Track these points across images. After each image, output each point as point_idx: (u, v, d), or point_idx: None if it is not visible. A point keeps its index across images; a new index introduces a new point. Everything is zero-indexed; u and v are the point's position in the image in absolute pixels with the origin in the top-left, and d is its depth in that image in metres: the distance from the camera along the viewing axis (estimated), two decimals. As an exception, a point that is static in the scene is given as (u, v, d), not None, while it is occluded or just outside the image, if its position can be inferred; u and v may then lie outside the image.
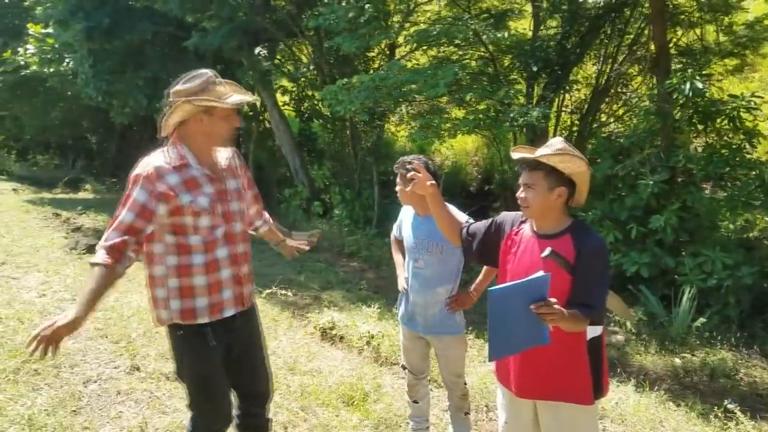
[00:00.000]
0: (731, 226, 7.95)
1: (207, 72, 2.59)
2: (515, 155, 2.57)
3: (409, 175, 2.91)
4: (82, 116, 18.92)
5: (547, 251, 2.38)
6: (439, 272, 3.31)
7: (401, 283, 3.49)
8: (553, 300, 2.19)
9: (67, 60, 13.36)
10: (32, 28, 13.75)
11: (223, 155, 2.77)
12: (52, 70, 13.90)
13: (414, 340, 3.50)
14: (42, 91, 17.07)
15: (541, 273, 2.22)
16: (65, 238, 8.99)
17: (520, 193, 2.52)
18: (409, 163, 3.20)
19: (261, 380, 2.89)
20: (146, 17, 11.57)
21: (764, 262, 7.10)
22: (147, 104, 12.81)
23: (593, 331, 2.50)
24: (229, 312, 2.67)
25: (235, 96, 2.61)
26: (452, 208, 3.06)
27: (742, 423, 4.17)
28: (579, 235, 2.46)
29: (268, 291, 6.98)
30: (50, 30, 13.28)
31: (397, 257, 3.69)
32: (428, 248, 3.31)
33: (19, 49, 14.63)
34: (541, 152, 2.44)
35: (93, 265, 2.38)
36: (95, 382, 4.04)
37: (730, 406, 4.42)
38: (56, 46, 13.27)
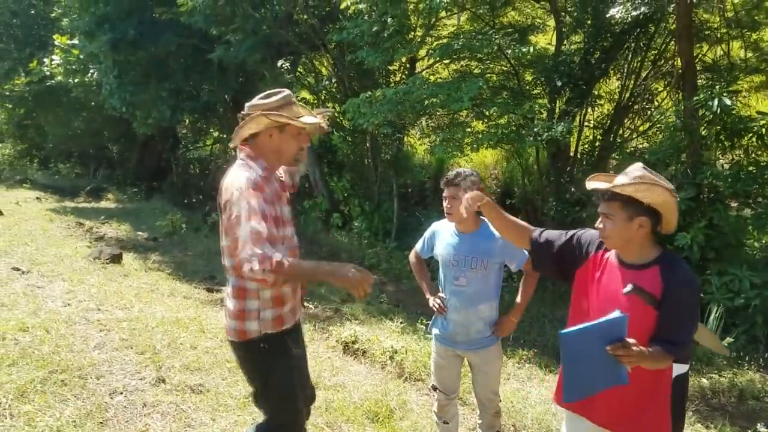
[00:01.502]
0: (756, 244, 7.84)
1: (285, 91, 2.64)
2: (590, 185, 2.43)
3: (464, 203, 2.77)
4: (104, 126, 19.16)
5: (628, 287, 2.28)
6: (482, 289, 3.26)
7: (434, 304, 3.39)
8: (631, 341, 2.09)
9: (91, 71, 13.52)
10: (58, 39, 13.94)
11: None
12: (76, 80, 14.07)
13: (450, 358, 3.43)
14: (66, 101, 17.33)
15: (618, 313, 2.12)
16: (89, 247, 9.05)
17: (599, 224, 2.40)
18: (458, 177, 3.17)
19: (310, 380, 2.94)
20: (171, 29, 11.69)
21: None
22: (170, 115, 12.93)
23: (679, 369, 2.42)
24: (293, 320, 2.72)
25: (308, 117, 2.65)
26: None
27: (776, 447, 4.08)
28: (667, 269, 2.31)
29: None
30: (76, 41, 13.45)
31: (423, 276, 3.60)
32: (472, 265, 3.24)
33: (45, 60, 14.85)
34: (618, 181, 2.32)
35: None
36: (121, 393, 4.04)
37: (762, 430, 4.34)
38: (81, 57, 13.44)
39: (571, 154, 10.14)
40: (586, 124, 10.44)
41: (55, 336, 4.88)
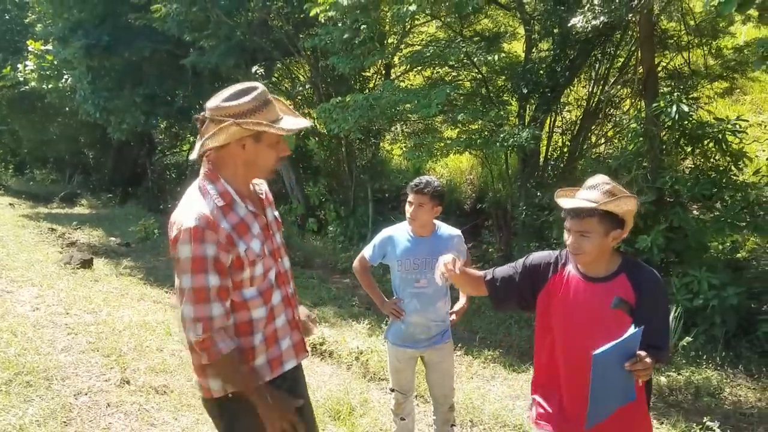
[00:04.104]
0: (720, 246, 8.06)
1: (258, 87, 2.12)
2: (564, 204, 2.36)
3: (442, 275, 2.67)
4: (79, 132, 19.07)
5: (615, 301, 2.27)
6: (440, 287, 3.38)
7: (392, 310, 3.49)
8: (643, 354, 2.09)
9: (66, 76, 13.53)
10: (32, 45, 13.93)
11: (255, 181, 2.35)
12: (50, 86, 14.07)
13: (408, 361, 3.56)
14: (40, 106, 17.26)
15: (633, 328, 2.09)
16: (60, 253, 9.06)
17: (572, 242, 2.32)
18: (426, 186, 3.31)
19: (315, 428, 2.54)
20: (145, 35, 11.75)
21: (752, 282, 7.21)
22: (144, 120, 12.96)
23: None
24: (290, 364, 2.31)
25: (289, 120, 2.18)
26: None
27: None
28: (633, 273, 2.33)
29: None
30: (50, 47, 13.47)
31: (373, 284, 3.70)
32: (432, 265, 3.35)
33: (19, 65, 14.80)
34: (587, 196, 2.30)
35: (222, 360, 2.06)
36: (86, 394, 4.11)
37: (709, 424, 4.50)
38: (55, 62, 13.44)
39: (541, 159, 10.33)
40: (555, 130, 10.65)
41: (22, 339, 4.93)
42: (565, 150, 10.38)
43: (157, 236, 11.76)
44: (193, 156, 2.17)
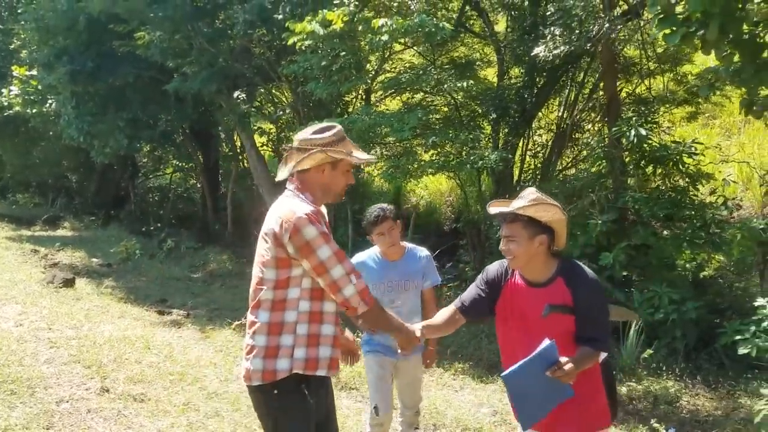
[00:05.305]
0: (687, 265, 8.41)
1: (337, 126, 2.60)
2: (492, 210, 2.66)
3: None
4: (63, 156, 19.18)
5: (545, 311, 2.54)
6: (414, 303, 3.66)
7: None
8: (564, 359, 2.35)
9: (50, 101, 13.73)
10: (17, 70, 14.14)
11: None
12: (34, 110, 14.25)
13: (388, 367, 3.71)
14: (24, 131, 17.37)
15: (546, 341, 2.36)
16: (43, 273, 9.22)
17: (502, 246, 2.61)
18: (383, 214, 3.54)
19: None
20: (129, 61, 11.99)
21: (715, 298, 7.55)
22: (127, 144, 13.17)
23: (602, 356, 2.66)
24: (325, 372, 2.55)
25: (361, 153, 2.63)
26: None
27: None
28: (570, 276, 2.57)
29: (237, 322, 7.26)
30: (35, 72, 13.69)
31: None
32: (405, 287, 3.64)
33: (3, 90, 14.99)
34: (516, 204, 2.55)
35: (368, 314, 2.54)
36: (67, 401, 4.31)
37: (656, 426, 4.78)
38: (40, 88, 13.66)
39: (514, 181, 10.69)
40: (528, 152, 11.04)
41: (6, 352, 5.12)
42: (537, 172, 10.76)
43: (139, 257, 11.93)
44: (281, 177, 2.61)
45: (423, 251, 3.77)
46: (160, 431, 3.97)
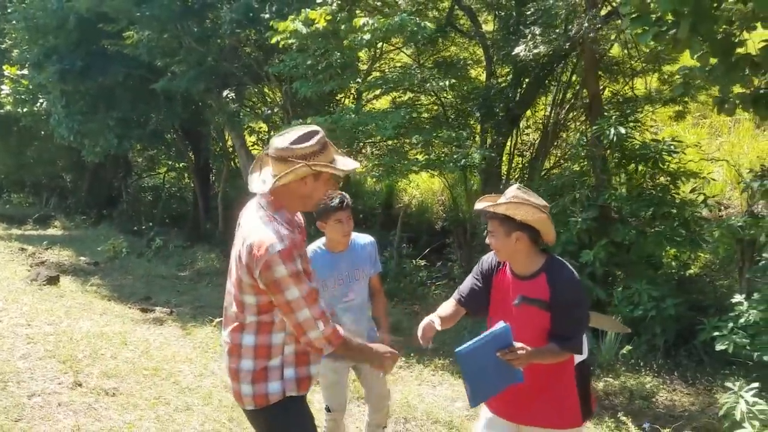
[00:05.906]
0: (673, 263, 8.45)
1: (319, 131, 2.41)
2: (477, 206, 2.74)
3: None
4: (56, 155, 19.21)
5: (516, 300, 2.65)
6: (364, 293, 3.54)
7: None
8: (518, 345, 2.43)
9: (40, 100, 13.77)
10: (8, 70, 14.18)
11: None
12: (25, 110, 14.29)
13: (342, 372, 3.58)
14: (16, 130, 17.39)
15: (501, 324, 2.47)
16: (28, 271, 9.24)
17: (488, 240, 2.73)
18: (344, 202, 3.35)
19: None
20: (118, 60, 12.02)
21: (698, 296, 7.59)
22: (117, 143, 13.21)
23: (579, 357, 2.73)
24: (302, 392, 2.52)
25: (346, 161, 2.49)
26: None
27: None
28: (553, 273, 2.65)
29: (219, 319, 7.28)
30: (25, 71, 13.72)
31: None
32: (356, 277, 3.48)
33: (-7, 90, 15.03)
34: (497, 202, 2.65)
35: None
36: (39, 395, 4.34)
37: (621, 418, 4.83)
38: (30, 87, 13.69)
39: (502, 179, 10.75)
40: (515, 151, 11.10)
41: (-17, 347, 5.15)
42: (525, 171, 10.81)
43: (126, 255, 11.94)
44: (258, 190, 2.45)
45: (367, 237, 3.62)
46: (127, 424, 4.01)
